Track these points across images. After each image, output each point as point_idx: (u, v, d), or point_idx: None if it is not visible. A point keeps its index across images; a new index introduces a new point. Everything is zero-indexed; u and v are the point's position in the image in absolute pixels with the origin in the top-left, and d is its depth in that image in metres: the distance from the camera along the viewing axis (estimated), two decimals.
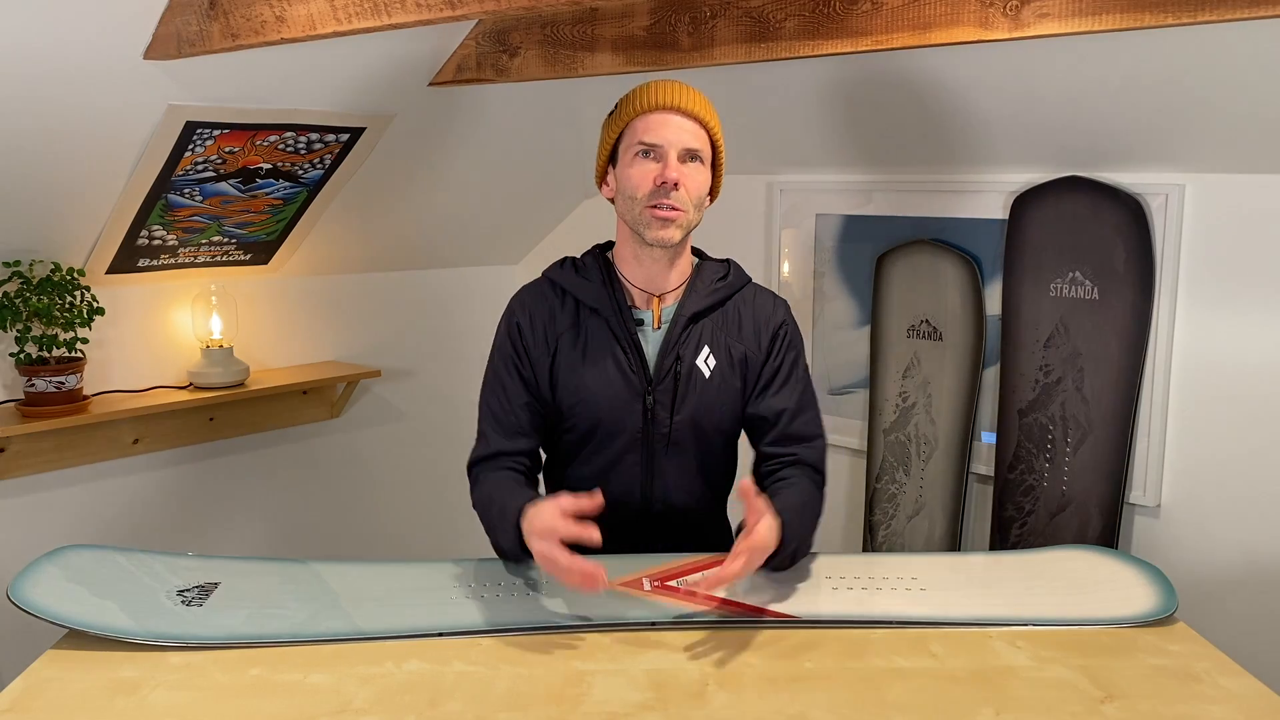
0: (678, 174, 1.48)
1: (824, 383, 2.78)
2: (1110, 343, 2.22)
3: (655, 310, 1.58)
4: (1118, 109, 2.07)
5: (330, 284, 2.97)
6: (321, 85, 2.24)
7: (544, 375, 1.58)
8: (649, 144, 1.50)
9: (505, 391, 1.59)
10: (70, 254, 2.35)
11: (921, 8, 1.74)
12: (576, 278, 1.60)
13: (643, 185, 1.49)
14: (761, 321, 1.61)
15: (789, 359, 1.62)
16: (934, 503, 2.55)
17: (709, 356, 1.57)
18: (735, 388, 1.59)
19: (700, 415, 1.57)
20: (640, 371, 1.55)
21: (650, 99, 1.50)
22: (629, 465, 1.58)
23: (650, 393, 1.55)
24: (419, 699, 1.18)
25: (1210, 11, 1.47)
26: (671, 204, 1.48)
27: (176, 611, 1.38)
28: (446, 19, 1.51)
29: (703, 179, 1.53)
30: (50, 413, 2.31)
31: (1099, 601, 1.43)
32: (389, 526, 3.22)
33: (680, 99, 1.50)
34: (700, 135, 1.52)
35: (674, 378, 1.55)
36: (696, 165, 1.51)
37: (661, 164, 1.49)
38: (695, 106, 1.51)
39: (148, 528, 2.64)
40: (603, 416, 1.56)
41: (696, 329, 1.57)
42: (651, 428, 1.56)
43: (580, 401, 1.56)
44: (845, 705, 1.16)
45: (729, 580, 1.36)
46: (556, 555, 1.32)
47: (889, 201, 2.59)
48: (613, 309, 1.56)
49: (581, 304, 1.58)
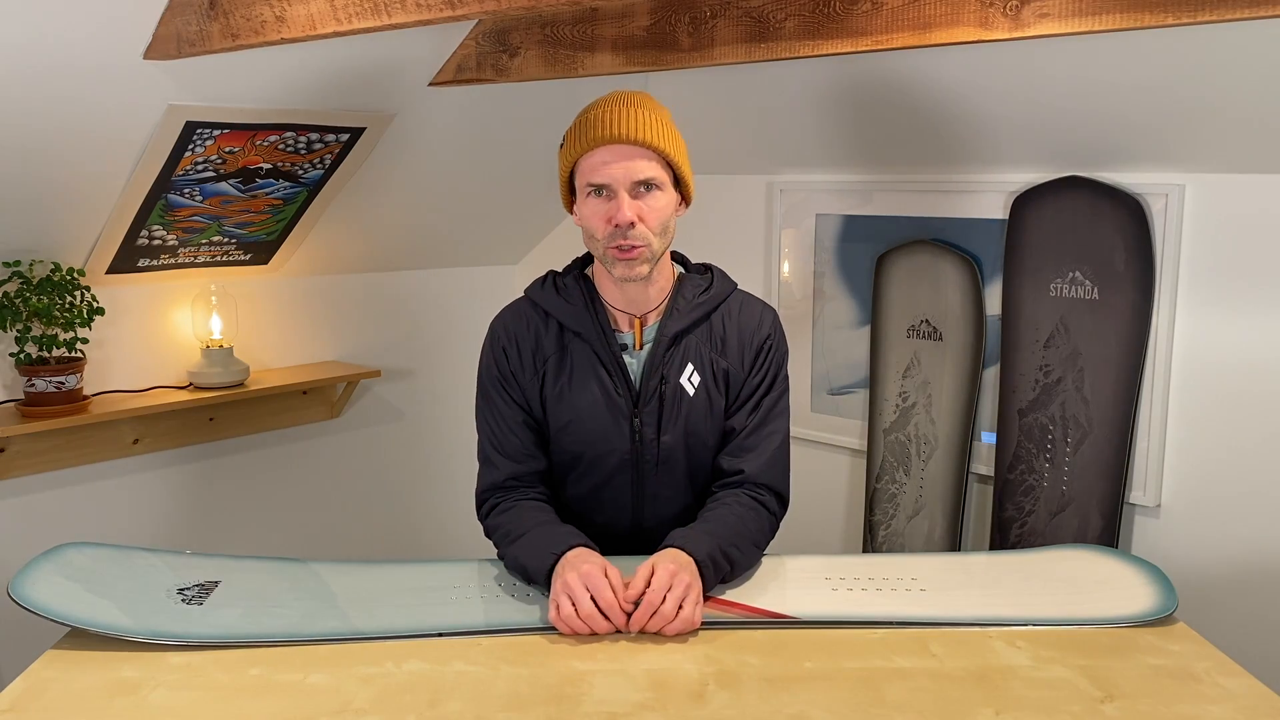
0: (631, 213, 1.42)
1: (824, 383, 2.78)
2: (1110, 343, 2.22)
3: (637, 331, 1.55)
4: (1118, 109, 2.07)
5: (330, 284, 2.98)
6: (321, 85, 2.24)
7: (535, 398, 1.56)
8: (596, 184, 1.44)
9: (501, 416, 1.57)
10: (70, 254, 2.36)
11: (921, 8, 1.74)
12: (558, 299, 1.56)
13: (599, 227, 1.45)
14: (747, 336, 1.58)
15: (769, 376, 1.58)
16: (934, 503, 2.56)
17: (693, 374, 1.54)
18: (720, 404, 1.57)
19: (688, 434, 1.54)
20: (626, 394, 1.53)
21: (592, 134, 1.43)
22: (619, 486, 1.56)
23: (637, 414, 1.53)
24: (419, 699, 1.18)
25: (1210, 11, 1.47)
26: (630, 242, 1.43)
27: (177, 610, 1.38)
28: (446, 19, 1.50)
29: (662, 205, 1.46)
30: (50, 413, 2.31)
31: (1099, 601, 1.43)
32: (389, 526, 3.22)
33: (623, 129, 1.41)
34: (651, 162, 1.44)
35: (659, 399, 1.53)
36: (654, 194, 1.45)
37: (613, 204, 1.43)
38: (641, 134, 1.42)
39: (148, 528, 2.65)
40: (591, 440, 1.54)
41: (680, 348, 1.54)
42: (640, 449, 1.54)
43: (568, 425, 1.54)
44: (845, 705, 1.16)
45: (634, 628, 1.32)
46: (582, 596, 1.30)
47: (889, 201, 2.59)
48: (595, 332, 1.53)
49: (565, 327, 1.55)
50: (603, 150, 1.43)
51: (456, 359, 3.24)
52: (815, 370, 2.79)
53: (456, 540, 3.35)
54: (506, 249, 3.34)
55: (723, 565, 1.42)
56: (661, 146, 1.44)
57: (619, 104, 1.45)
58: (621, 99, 1.46)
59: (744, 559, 1.47)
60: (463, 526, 3.48)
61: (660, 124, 1.45)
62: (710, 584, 1.39)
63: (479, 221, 3.12)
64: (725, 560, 1.42)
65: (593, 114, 1.45)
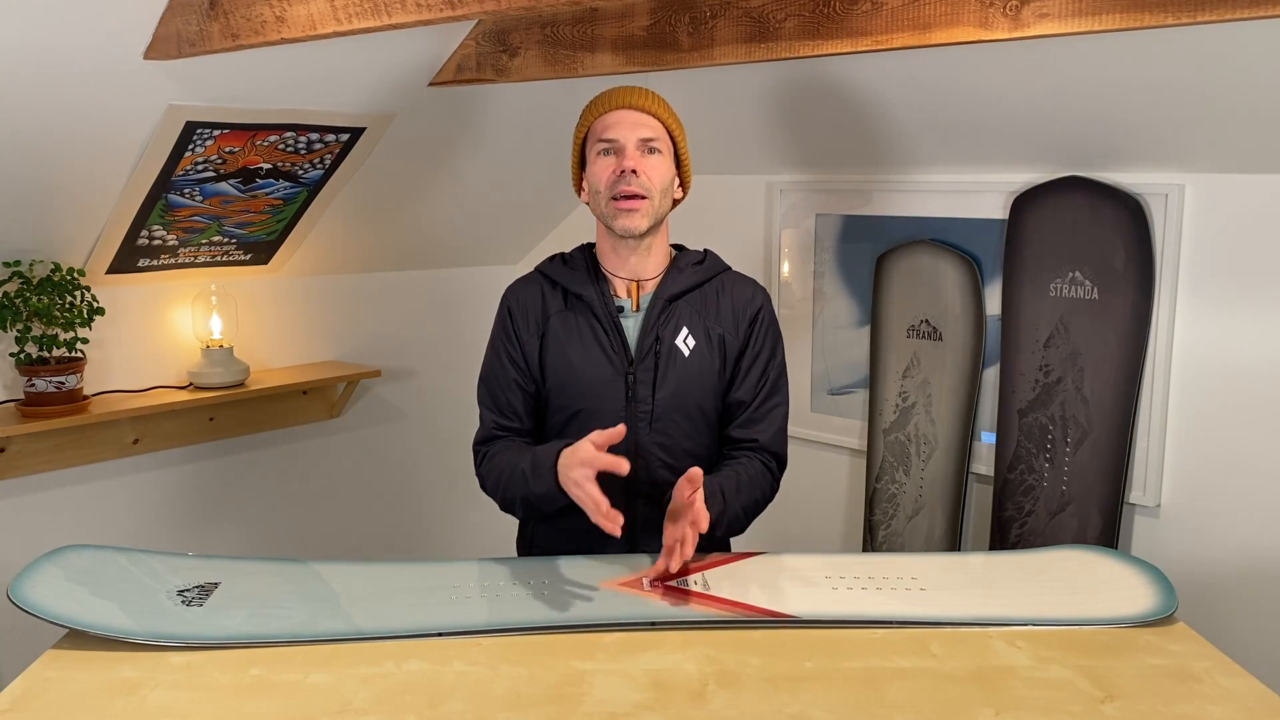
0: (634, 162, 1.59)
1: (824, 382, 2.78)
2: (1110, 343, 2.22)
3: (634, 295, 1.67)
4: (1118, 109, 2.07)
5: (330, 284, 2.98)
6: (321, 85, 2.24)
7: (534, 357, 1.67)
8: (607, 140, 1.61)
9: (496, 375, 1.71)
10: (70, 254, 2.36)
11: (921, 8, 1.74)
12: (564, 268, 1.71)
13: (605, 178, 1.61)
14: (740, 307, 1.69)
15: (766, 348, 1.70)
16: (934, 503, 2.56)
17: (688, 336, 1.65)
18: (714, 368, 1.67)
19: (681, 393, 1.64)
20: (621, 352, 1.64)
21: (606, 102, 1.63)
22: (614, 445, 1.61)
23: (632, 372, 1.63)
24: (419, 699, 1.18)
25: (1210, 11, 1.47)
26: (633, 190, 1.58)
27: (177, 611, 1.38)
28: (446, 19, 1.51)
29: (664, 168, 1.63)
30: (50, 413, 2.31)
31: (1099, 601, 1.43)
32: (389, 526, 3.22)
33: (633, 98, 1.62)
34: (655, 126, 1.62)
35: (654, 357, 1.63)
36: (656, 156, 1.62)
37: (621, 156, 1.60)
38: (648, 103, 1.63)
39: (148, 528, 2.64)
40: (587, 396, 1.64)
41: (675, 310, 1.66)
42: (634, 406, 1.63)
43: (566, 381, 1.65)
44: (845, 705, 1.16)
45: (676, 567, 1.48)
46: (591, 489, 1.43)
47: (889, 201, 2.59)
48: (595, 295, 1.66)
49: (568, 291, 1.68)
50: (614, 114, 1.62)
51: (457, 359, 3.24)
52: (815, 370, 2.79)
53: (456, 540, 3.36)
54: (506, 249, 3.34)
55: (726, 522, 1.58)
56: (665, 118, 1.64)
57: (630, 86, 1.66)
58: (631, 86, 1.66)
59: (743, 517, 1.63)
60: (463, 526, 3.49)
61: (665, 103, 1.66)
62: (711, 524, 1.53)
63: (479, 221, 3.12)
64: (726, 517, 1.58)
65: (607, 90, 1.66)
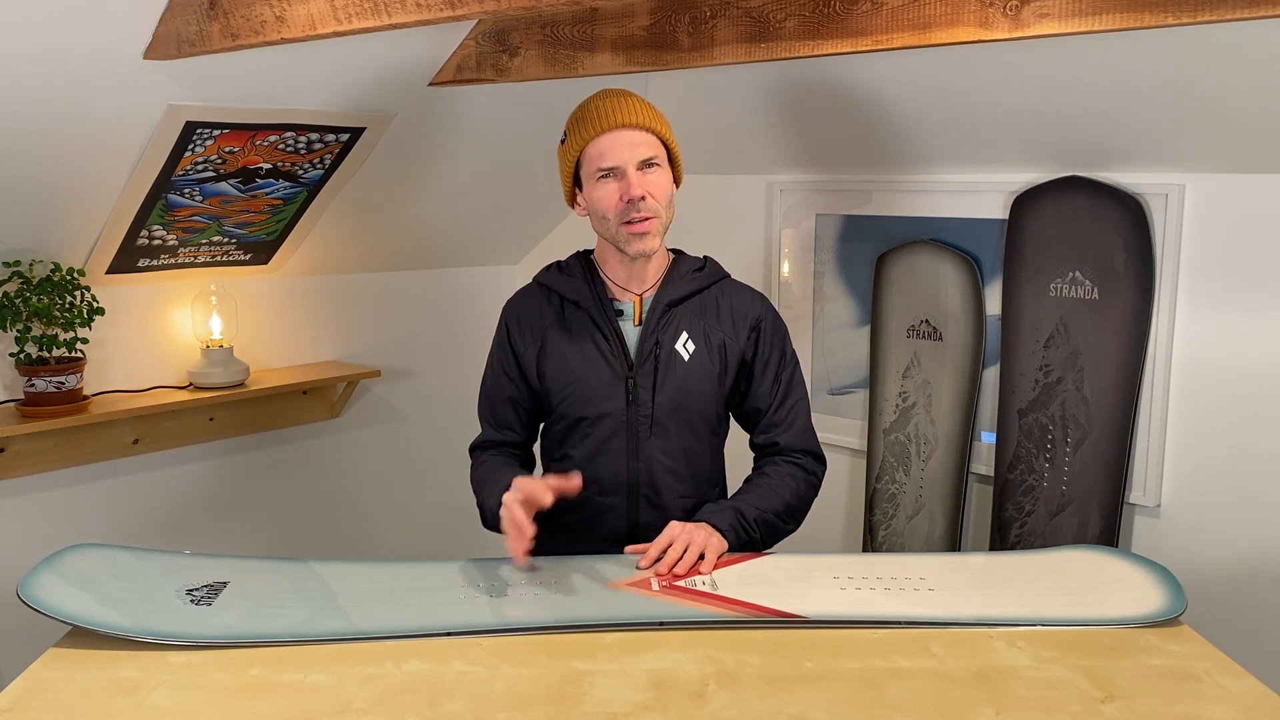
0: (641, 187, 1.56)
1: (824, 383, 2.78)
2: (1110, 343, 2.22)
3: (636, 305, 1.66)
4: (1118, 109, 2.07)
5: (330, 284, 2.97)
6: (321, 85, 2.24)
7: (531, 368, 1.68)
8: (606, 168, 1.58)
9: (492, 390, 1.74)
10: (70, 254, 2.35)
11: (921, 8, 1.74)
12: (560, 276, 1.71)
13: (611, 205, 1.58)
14: (739, 313, 1.70)
15: (775, 352, 1.71)
16: (934, 503, 2.56)
17: (688, 341, 1.66)
18: (714, 372, 1.67)
19: (681, 397, 1.64)
20: (621, 356, 1.64)
21: (596, 123, 1.58)
22: (615, 449, 1.65)
23: (632, 376, 1.63)
24: (419, 699, 1.18)
25: (1210, 11, 1.47)
26: (643, 215, 1.57)
27: (184, 611, 1.38)
28: (446, 19, 1.51)
29: (665, 180, 1.61)
30: (50, 413, 2.31)
31: (1107, 602, 1.43)
32: (389, 526, 3.21)
33: (623, 115, 1.57)
34: (651, 142, 1.59)
35: (654, 361, 1.64)
36: (655, 170, 1.59)
37: (624, 182, 1.57)
38: (639, 118, 1.58)
39: (148, 528, 2.64)
40: (588, 401, 1.64)
41: (675, 315, 1.66)
42: (635, 410, 1.63)
43: (566, 387, 1.65)
44: (845, 705, 1.16)
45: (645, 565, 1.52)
46: (515, 510, 1.46)
47: (889, 201, 2.59)
48: (594, 300, 1.66)
49: (565, 299, 1.68)
50: (607, 136, 1.57)
51: (456, 359, 3.25)
52: (815, 370, 2.79)
53: (456, 540, 3.35)
54: (506, 249, 3.34)
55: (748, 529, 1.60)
56: (657, 128, 1.61)
57: (613, 96, 1.61)
58: (613, 92, 1.62)
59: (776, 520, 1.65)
60: (463, 527, 3.48)
61: (651, 109, 1.62)
62: (736, 545, 1.58)
63: (479, 221, 3.12)
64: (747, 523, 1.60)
65: (592, 106, 1.61)
